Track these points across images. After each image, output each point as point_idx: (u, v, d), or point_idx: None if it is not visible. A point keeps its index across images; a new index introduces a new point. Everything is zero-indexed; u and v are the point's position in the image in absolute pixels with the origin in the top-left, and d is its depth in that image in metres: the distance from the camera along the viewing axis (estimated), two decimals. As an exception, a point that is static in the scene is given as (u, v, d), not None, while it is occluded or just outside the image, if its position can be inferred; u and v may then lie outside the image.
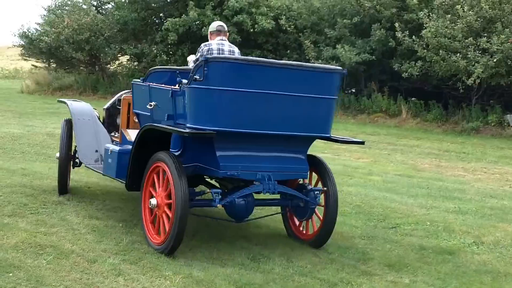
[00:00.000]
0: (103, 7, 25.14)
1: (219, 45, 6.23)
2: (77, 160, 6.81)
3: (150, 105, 5.72)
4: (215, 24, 6.48)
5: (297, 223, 5.87)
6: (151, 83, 5.94)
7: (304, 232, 5.80)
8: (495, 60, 14.06)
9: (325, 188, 5.59)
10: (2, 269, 4.38)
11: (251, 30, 20.10)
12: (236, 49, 6.38)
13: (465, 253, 5.60)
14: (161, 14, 22.87)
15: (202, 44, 6.26)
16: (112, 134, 6.93)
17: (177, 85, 5.32)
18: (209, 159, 5.24)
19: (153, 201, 5.15)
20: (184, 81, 5.15)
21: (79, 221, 5.79)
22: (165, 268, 4.64)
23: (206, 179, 6.04)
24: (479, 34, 14.85)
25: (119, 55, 24.13)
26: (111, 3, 23.66)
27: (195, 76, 4.97)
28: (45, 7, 24.71)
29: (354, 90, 18.87)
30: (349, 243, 5.68)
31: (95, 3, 25.15)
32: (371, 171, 9.59)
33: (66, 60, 23.85)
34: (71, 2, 24.17)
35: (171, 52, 21.89)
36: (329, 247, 5.47)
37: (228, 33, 6.70)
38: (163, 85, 5.71)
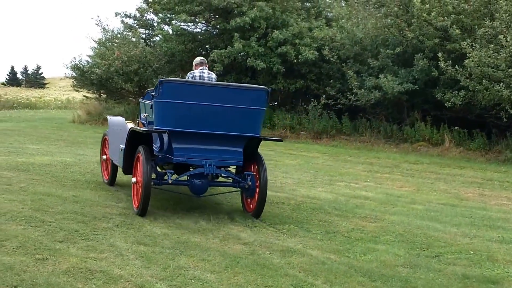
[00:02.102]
0: (151, 39, 25.67)
1: (201, 72, 8.43)
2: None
3: (144, 115, 8.43)
4: (198, 59, 8.70)
5: (246, 200, 8.05)
6: (145, 100, 8.43)
7: (250, 206, 7.89)
8: (538, 90, 14.05)
9: (255, 173, 7.78)
10: (55, 293, 4.55)
11: (295, 60, 20.41)
12: (213, 75, 8.52)
13: (508, 283, 5.59)
14: (207, 46, 23.29)
15: (189, 73, 8.56)
16: None
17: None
18: (170, 150, 7.53)
19: (133, 179, 7.62)
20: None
21: (127, 247, 5.96)
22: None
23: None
24: (522, 64, 14.87)
25: (167, 86, 24.49)
26: (159, 35, 24.13)
27: (153, 93, 7.44)
28: (96, 40, 25.36)
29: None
30: (392, 271, 5.72)
31: (143, 36, 25.74)
32: (414, 200, 9.61)
33: (116, 91, 24.35)
34: (121, 35, 24.78)
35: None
36: (372, 275, 5.55)
37: (208, 64, 8.97)
38: (147, 101, 8.14)
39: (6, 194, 8.06)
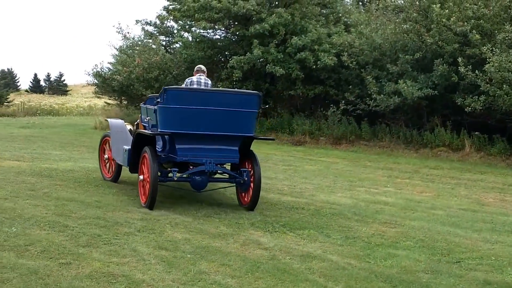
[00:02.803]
0: (171, 46, 25.86)
1: (198, 79, 9.46)
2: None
3: (147, 119, 9.19)
4: (198, 66, 9.85)
5: (240, 194, 8.81)
6: (147, 105, 9.27)
7: (245, 200, 8.65)
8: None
9: (250, 169, 8.57)
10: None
11: (314, 66, 20.44)
12: (209, 81, 9.59)
13: (529, 288, 5.54)
14: (226, 53, 23.40)
15: (187, 79, 9.68)
16: None
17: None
18: (173, 150, 8.32)
19: (141, 177, 8.37)
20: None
21: (149, 251, 6.00)
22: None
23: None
24: (543, 68, 14.76)
25: (186, 92, 24.65)
26: (179, 42, 24.30)
27: (158, 99, 8.14)
28: (117, 47, 25.62)
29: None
30: (413, 277, 5.70)
31: (164, 43, 25.94)
32: (434, 205, 9.58)
33: (137, 98, 24.47)
34: (142, 43, 24.98)
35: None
36: (393, 281, 5.55)
37: (205, 72, 9.85)
38: (150, 106, 8.98)
39: (30, 200, 8.18)
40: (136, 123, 10.57)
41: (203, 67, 9.90)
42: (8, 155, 13.21)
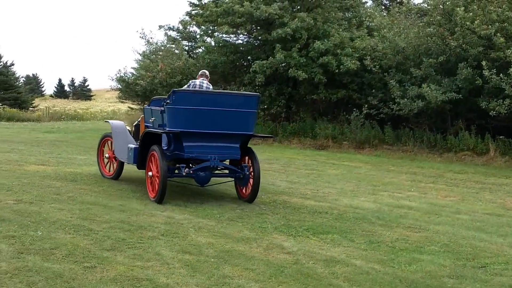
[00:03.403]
0: (194, 51, 26.02)
1: (200, 82, 10.12)
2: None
3: (151, 120, 9.91)
4: (201, 71, 10.58)
5: (240, 188, 9.58)
6: (152, 107, 10.01)
7: (245, 193, 9.41)
8: None
9: (250, 165, 9.32)
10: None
11: (336, 70, 20.41)
12: (211, 86, 10.24)
13: (556, 294, 5.47)
14: (249, 57, 23.48)
15: (190, 81, 10.28)
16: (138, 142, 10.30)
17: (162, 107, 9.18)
18: (180, 147, 8.97)
19: (150, 173, 8.99)
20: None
21: (173, 255, 6.00)
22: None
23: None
24: None
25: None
26: (201, 47, 24.45)
27: (167, 101, 8.83)
28: (140, 52, 25.80)
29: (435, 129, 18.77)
30: (437, 282, 5.65)
31: (186, 48, 26.09)
32: (459, 210, 9.49)
33: (160, 102, 24.76)
34: (165, 48, 25.13)
35: (258, 93, 22.39)
36: (418, 286, 5.50)
37: (208, 76, 10.56)
38: (157, 107, 9.64)
39: (55, 204, 8.26)
40: (134, 124, 11.27)
41: (206, 72, 10.60)
42: (33, 160, 13.36)
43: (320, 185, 11.50)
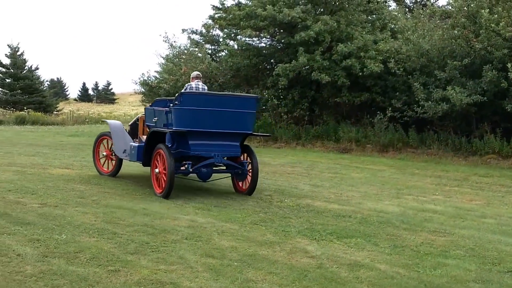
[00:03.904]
0: (217, 55, 26.08)
1: (196, 84, 10.67)
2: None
3: (154, 120, 10.33)
4: (195, 73, 11.05)
5: (237, 183, 10.38)
6: (155, 107, 10.52)
7: (243, 187, 10.23)
8: None
9: (249, 161, 10.06)
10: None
11: (360, 73, 20.33)
12: (205, 87, 10.80)
13: None
14: (272, 60, 23.49)
15: (186, 84, 10.86)
16: (134, 140, 11.18)
17: (168, 108, 9.78)
18: (186, 145, 9.61)
19: (157, 170, 9.60)
20: (171, 105, 9.68)
21: (196, 259, 6.00)
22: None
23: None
24: None
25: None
26: (224, 51, 24.52)
27: (175, 102, 9.48)
28: (164, 56, 25.93)
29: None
30: (463, 287, 5.60)
31: (209, 51, 26.16)
32: (484, 214, 9.39)
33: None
34: (188, 51, 25.23)
35: (281, 96, 22.41)
36: (443, 290, 5.50)
37: (202, 78, 11.19)
38: (159, 108, 10.28)
39: (79, 207, 8.32)
40: (130, 123, 12.02)
41: (199, 73, 11.17)
42: (57, 163, 13.49)
43: (344, 188, 11.46)
